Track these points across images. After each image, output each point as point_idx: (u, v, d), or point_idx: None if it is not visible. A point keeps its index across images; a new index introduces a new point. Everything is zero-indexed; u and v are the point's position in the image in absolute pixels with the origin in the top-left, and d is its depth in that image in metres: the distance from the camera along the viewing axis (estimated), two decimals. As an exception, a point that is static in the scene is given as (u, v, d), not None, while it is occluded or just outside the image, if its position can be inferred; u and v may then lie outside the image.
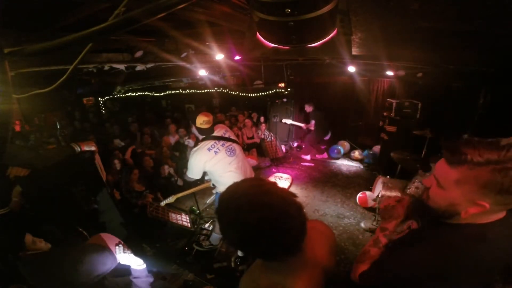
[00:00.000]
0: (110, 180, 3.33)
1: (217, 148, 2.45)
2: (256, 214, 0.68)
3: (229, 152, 2.50)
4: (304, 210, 0.77)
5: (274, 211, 0.70)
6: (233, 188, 0.78)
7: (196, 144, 2.56)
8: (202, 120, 2.44)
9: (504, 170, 0.65)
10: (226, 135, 2.58)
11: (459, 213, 0.78)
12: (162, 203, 3.20)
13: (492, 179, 0.67)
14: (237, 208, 0.71)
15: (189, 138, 4.72)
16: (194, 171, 2.47)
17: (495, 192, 0.68)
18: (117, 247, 1.67)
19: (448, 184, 0.77)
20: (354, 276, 1.04)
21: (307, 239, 0.77)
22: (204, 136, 2.51)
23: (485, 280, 0.80)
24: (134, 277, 1.73)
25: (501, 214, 0.78)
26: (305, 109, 6.01)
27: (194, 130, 2.55)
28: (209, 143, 2.45)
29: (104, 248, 1.57)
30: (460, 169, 0.73)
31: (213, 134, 2.51)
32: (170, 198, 3.20)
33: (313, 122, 5.85)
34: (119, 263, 1.67)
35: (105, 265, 1.53)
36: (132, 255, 1.71)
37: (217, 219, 0.79)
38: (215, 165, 2.43)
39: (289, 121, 6.22)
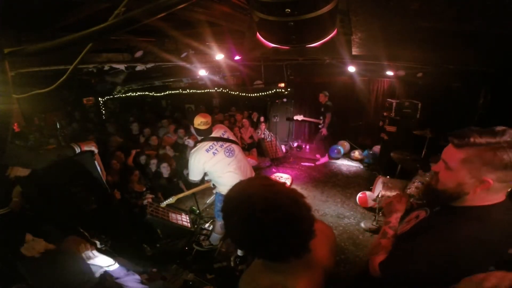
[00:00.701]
0: (110, 180, 3.33)
1: (216, 149, 2.45)
2: (270, 215, 0.67)
3: (228, 153, 2.50)
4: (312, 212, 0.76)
5: (287, 212, 0.69)
6: (242, 187, 0.77)
7: (195, 145, 2.56)
8: (199, 121, 2.43)
9: (502, 149, 0.79)
10: (225, 136, 2.57)
11: (467, 193, 0.88)
12: (163, 204, 3.20)
13: (493, 157, 0.80)
14: (249, 208, 0.69)
15: (189, 138, 4.73)
16: (195, 173, 2.48)
17: (496, 168, 0.80)
18: (83, 247, 1.66)
19: (456, 165, 0.88)
20: (373, 267, 1.05)
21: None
22: (202, 137, 2.50)
23: (488, 260, 0.86)
24: (117, 279, 1.71)
25: (502, 197, 0.87)
26: (320, 99, 5.55)
27: (192, 130, 2.55)
28: (207, 144, 2.45)
29: (69, 252, 1.56)
30: (465, 150, 0.85)
31: (212, 135, 2.51)
32: (171, 199, 3.20)
33: (328, 115, 5.46)
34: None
35: (74, 268, 1.53)
36: (98, 254, 1.69)
37: (222, 218, 0.78)
38: (214, 166, 2.43)
39: (300, 118, 5.92)
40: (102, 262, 1.68)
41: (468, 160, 0.85)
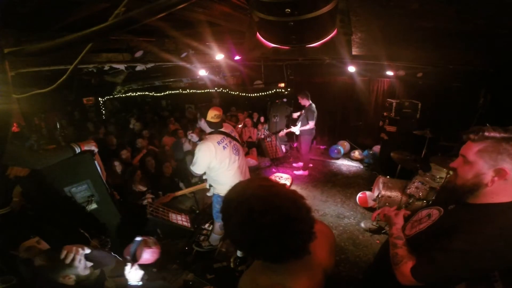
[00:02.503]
0: (110, 182, 3.32)
1: (226, 144, 2.43)
2: (269, 216, 0.67)
3: (235, 151, 2.50)
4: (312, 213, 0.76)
5: (286, 213, 0.69)
6: (241, 188, 0.77)
7: (202, 138, 2.51)
8: (213, 114, 2.41)
9: None
10: (233, 134, 2.58)
11: (485, 185, 0.92)
12: (157, 203, 3.14)
13: (506, 147, 0.88)
14: (248, 209, 0.69)
15: (192, 132, 4.68)
16: (200, 166, 2.36)
17: (510, 157, 0.87)
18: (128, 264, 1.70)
19: (473, 157, 0.95)
20: (403, 275, 1.04)
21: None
22: (212, 130, 2.46)
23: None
24: None
25: None
26: (301, 102, 4.88)
27: (203, 124, 2.49)
28: (218, 137, 2.41)
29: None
30: (481, 143, 0.93)
31: (222, 130, 2.49)
32: (166, 196, 3.13)
33: (311, 123, 4.78)
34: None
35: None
36: (135, 270, 1.73)
37: (222, 219, 0.77)
38: (222, 161, 2.39)
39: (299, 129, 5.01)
40: (133, 277, 1.72)
41: (484, 150, 0.92)
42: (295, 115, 5.30)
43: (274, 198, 0.71)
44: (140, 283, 1.76)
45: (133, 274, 1.73)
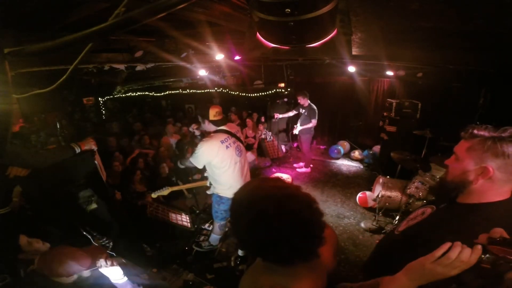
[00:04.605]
0: (110, 182, 3.33)
1: (229, 143, 2.43)
2: (282, 219, 0.66)
3: (238, 152, 2.50)
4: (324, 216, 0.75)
5: (299, 216, 0.68)
6: (253, 188, 0.75)
7: (206, 136, 2.52)
8: (215, 112, 2.44)
9: (502, 140, 0.88)
10: (238, 135, 2.59)
11: (470, 182, 0.93)
12: (154, 195, 2.91)
13: (493, 145, 0.88)
14: (261, 210, 0.67)
15: (197, 128, 4.62)
16: (199, 160, 2.36)
17: (495, 155, 0.87)
18: (101, 260, 1.64)
19: (462, 154, 0.97)
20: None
21: None
22: (217, 129, 2.48)
23: None
24: None
25: (508, 193, 0.91)
26: (300, 101, 4.98)
27: (207, 125, 2.50)
28: (222, 136, 2.42)
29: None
30: (471, 141, 0.95)
31: (226, 129, 2.49)
32: (164, 189, 2.90)
33: (314, 121, 4.91)
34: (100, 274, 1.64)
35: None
36: (112, 266, 1.66)
37: (231, 219, 0.76)
38: (223, 160, 2.39)
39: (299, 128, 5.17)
40: (113, 274, 1.67)
41: (472, 148, 0.93)
42: (291, 113, 5.40)
43: (288, 201, 0.69)
44: (125, 279, 1.71)
45: (110, 270, 1.67)
